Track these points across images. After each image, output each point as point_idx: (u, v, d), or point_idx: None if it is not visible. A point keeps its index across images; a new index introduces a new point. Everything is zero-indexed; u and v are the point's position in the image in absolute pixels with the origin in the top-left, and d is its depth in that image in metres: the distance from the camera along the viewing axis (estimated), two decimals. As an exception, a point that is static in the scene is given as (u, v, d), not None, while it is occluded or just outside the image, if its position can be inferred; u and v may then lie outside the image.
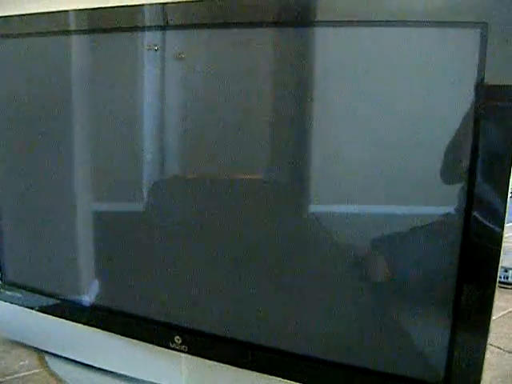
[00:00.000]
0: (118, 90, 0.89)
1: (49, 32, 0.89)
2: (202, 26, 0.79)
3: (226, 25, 0.77)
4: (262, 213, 0.81)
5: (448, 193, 0.68)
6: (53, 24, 0.88)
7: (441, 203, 0.69)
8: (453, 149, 0.66)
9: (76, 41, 0.89)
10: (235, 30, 0.77)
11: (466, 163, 0.64)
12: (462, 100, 0.65)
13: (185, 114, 0.85)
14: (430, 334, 0.72)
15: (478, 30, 0.61)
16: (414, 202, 0.72)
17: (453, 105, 0.66)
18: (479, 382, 0.67)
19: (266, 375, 0.81)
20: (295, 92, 0.77)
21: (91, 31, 0.86)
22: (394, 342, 0.74)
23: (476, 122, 0.63)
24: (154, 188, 0.89)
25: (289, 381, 0.79)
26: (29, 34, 0.91)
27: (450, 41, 0.65)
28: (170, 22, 0.80)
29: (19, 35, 0.92)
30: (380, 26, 0.68)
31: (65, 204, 0.97)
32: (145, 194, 0.90)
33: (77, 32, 0.87)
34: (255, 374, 0.82)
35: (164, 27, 0.81)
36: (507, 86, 0.61)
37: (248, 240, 0.82)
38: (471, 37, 0.62)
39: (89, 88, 0.92)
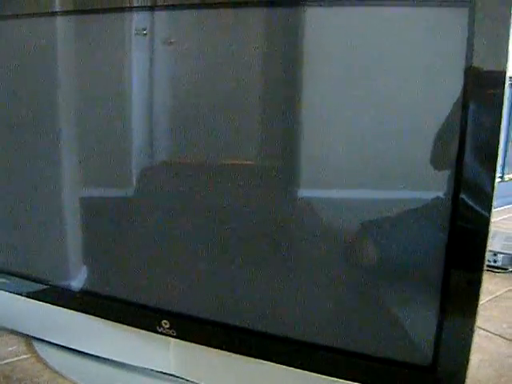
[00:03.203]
0: (105, 76, 0.88)
1: (30, 14, 0.88)
2: (192, 6, 0.78)
3: (216, 5, 0.76)
4: (251, 198, 0.80)
5: (437, 178, 0.68)
6: (34, 5, 0.86)
7: (430, 188, 0.69)
8: (442, 134, 0.66)
9: (59, 23, 0.88)
10: (226, 11, 0.76)
11: (454, 148, 0.64)
12: (450, 84, 0.64)
13: (174, 99, 0.84)
14: (418, 318, 0.72)
15: (465, 9, 0.60)
16: (403, 187, 0.72)
17: (441, 89, 0.66)
18: (467, 364, 0.67)
19: (254, 359, 0.81)
20: (287, 75, 0.76)
21: (75, 12, 0.85)
22: (382, 325, 0.74)
23: (464, 106, 0.63)
24: (143, 173, 0.89)
25: (277, 364, 0.79)
26: (10, 17, 0.90)
27: (435, 21, 0.65)
28: (159, 3, 0.80)
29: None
30: (363, 5, 0.67)
31: (52, 189, 0.96)
32: (133, 180, 0.89)
33: (60, 14, 0.86)
34: (244, 357, 0.82)
35: (152, 8, 0.80)
36: (495, 69, 0.61)
37: (237, 224, 0.82)
38: (457, 17, 0.61)
39: (74, 74, 0.90)
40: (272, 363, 0.80)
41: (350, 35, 0.70)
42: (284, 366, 0.79)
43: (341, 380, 0.75)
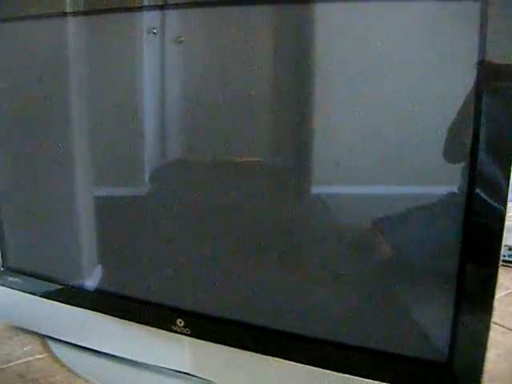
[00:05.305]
0: (116, 75, 0.88)
1: (42, 15, 0.88)
2: (201, 4, 0.78)
3: (226, 3, 0.76)
4: (263, 195, 0.80)
5: (451, 172, 0.68)
6: (45, 6, 0.87)
7: (444, 183, 0.69)
8: (455, 128, 0.66)
9: (69, 23, 0.88)
10: (235, 9, 0.76)
11: (468, 142, 0.63)
12: (464, 77, 0.64)
13: (185, 97, 0.84)
14: (434, 313, 0.72)
15: (478, 3, 0.60)
16: (417, 181, 0.71)
17: (454, 82, 0.65)
18: (483, 360, 0.66)
19: (269, 357, 0.81)
20: (299, 73, 0.76)
21: (86, 13, 0.85)
22: (398, 321, 0.74)
23: (478, 99, 0.62)
24: (155, 171, 0.89)
25: (291, 362, 0.79)
26: (23, 18, 0.90)
27: (449, 15, 0.64)
28: (169, 2, 0.80)
29: (12, 19, 0.91)
30: (375, 1, 0.67)
31: (65, 188, 0.97)
32: (146, 178, 0.89)
33: (70, 14, 0.86)
34: (258, 356, 0.82)
35: (162, 7, 0.80)
36: (509, 62, 0.60)
37: (249, 222, 0.82)
38: (471, 10, 0.61)
39: (86, 73, 0.91)
40: (287, 361, 0.80)
41: (362, 31, 0.69)
42: (299, 364, 0.79)
43: (356, 377, 0.75)
